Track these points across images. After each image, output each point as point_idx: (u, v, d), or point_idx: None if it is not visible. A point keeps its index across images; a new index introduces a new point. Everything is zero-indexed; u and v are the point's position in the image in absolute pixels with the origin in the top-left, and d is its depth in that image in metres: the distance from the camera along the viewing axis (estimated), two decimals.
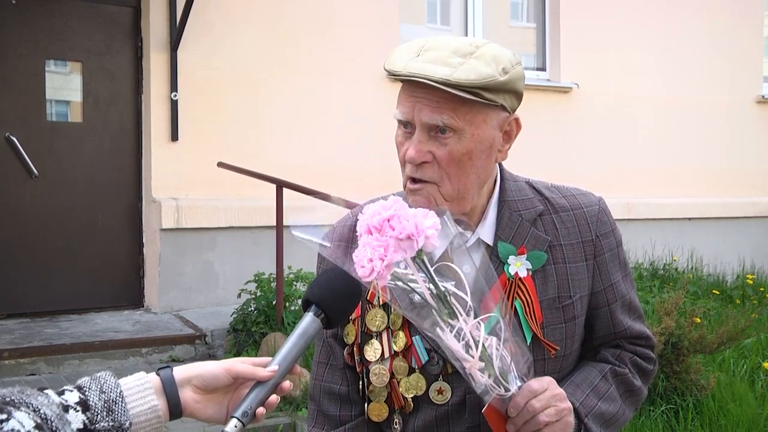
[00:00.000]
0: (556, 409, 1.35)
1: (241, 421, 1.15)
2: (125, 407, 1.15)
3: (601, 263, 1.53)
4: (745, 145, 8.53)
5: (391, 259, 1.17)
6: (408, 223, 1.17)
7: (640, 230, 7.50)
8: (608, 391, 1.52)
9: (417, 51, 1.39)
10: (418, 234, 1.17)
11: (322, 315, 1.25)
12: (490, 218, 1.50)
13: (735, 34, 8.46)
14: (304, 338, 1.24)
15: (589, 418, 1.46)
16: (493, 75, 1.35)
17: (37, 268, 5.78)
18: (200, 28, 5.97)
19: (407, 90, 1.40)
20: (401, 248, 1.17)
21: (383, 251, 1.17)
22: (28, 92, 5.80)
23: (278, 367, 1.21)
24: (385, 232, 1.19)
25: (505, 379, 1.31)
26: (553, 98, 7.54)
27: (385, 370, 1.48)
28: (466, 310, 1.26)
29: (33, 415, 1.00)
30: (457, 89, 1.33)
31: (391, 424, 1.52)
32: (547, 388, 1.35)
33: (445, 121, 1.36)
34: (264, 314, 5.10)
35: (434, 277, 1.23)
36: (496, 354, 1.29)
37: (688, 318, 4.33)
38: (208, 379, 1.22)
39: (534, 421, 1.33)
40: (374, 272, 1.17)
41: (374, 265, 1.17)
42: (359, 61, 6.52)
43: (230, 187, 5.95)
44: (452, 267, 1.26)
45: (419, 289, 1.23)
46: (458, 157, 1.39)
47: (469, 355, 1.26)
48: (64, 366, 4.91)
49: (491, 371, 1.29)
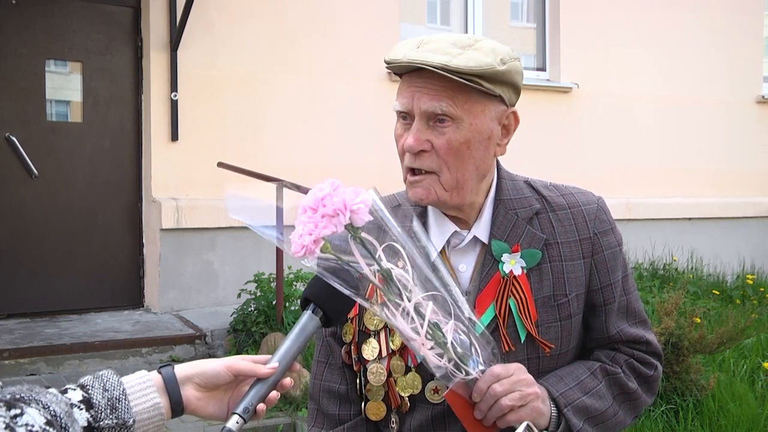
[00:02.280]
0: (520, 393, 1.34)
1: (243, 418, 1.17)
2: (128, 405, 1.16)
3: (599, 262, 1.51)
4: (745, 145, 8.53)
5: (318, 234, 1.20)
6: (336, 200, 1.21)
7: (640, 230, 7.50)
8: (595, 387, 1.49)
9: (417, 44, 1.41)
10: (345, 209, 1.21)
11: (321, 313, 1.27)
12: (486, 216, 1.50)
13: (735, 34, 8.46)
14: (303, 336, 1.25)
15: (569, 409, 1.43)
16: (492, 64, 1.37)
17: (37, 268, 5.78)
18: (200, 28, 5.97)
19: (406, 81, 1.42)
20: (331, 223, 1.21)
21: (313, 226, 1.21)
22: (28, 92, 5.80)
23: (278, 364, 1.22)
24: (317, 209, 1.24)
25: (464, 363, 1.31)
26: (553, 98, 7.54)
27: (382, 369, 1.48)
28: (409, 289, 1.27)
29: (43, 412, 1.01)
30: (455, 75, 1.34)
31: (388, 424, 1.52)
32: (512, 374, 1.34)
33: (444, 108, 1.37)
34: (264, 314, 5.10)
35: (373, 254, 1.26)
36: (452, 335, 1.29)
37: (688, 318, 4.33)
38: (210, 377, 1.23)
39: (497, 405, 1.32)
40: (304, 248, 1.21)
41: (303, 240, 1.21)
42: (359, 61, 6.52)
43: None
44: (397, 247, 1.28)
45: (360, 267, 1.26)
46: (456, 146, 1.40)
47: (414, 332, 1.27)
48: (64, 366, 4.91)
49: (449, 354, 1.29)
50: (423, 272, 1.30)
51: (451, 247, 1.51)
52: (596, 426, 1.48)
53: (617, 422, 1.53)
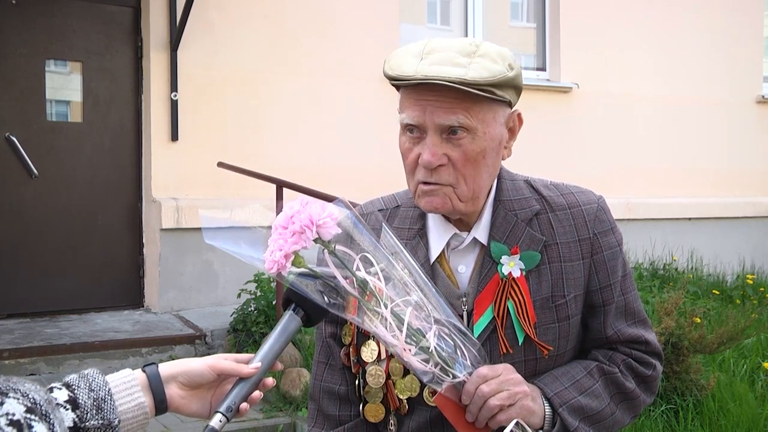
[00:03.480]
0: (509, 392, 1.34)
1: (225, 416, 1.20)
2: (114, 405, 1.17)
3: (599, 262, 1.51)
4: (745, 145, 8.53)
5: (288, 249, 1.25)
6: (303, 216, 1.26)
7: (640, 230, 7.50)
8: (592, 387, 1.48)
9: (419, 54, 1.37)
10: (312, 224, 1.25)
11: (302, 313, 1.29)
12: (486, 218, 1.50)
13: (735, 34, 8.46)
14: (284, 335, 1.28)
15: (564, 408, 1.43)
16: (503, 71, 1.36)
17: (37, 268, 5.78)
18: (200, 28, 5.97)
19: (413, 94, 1.38)
20: (300, 239, 1.26)
21: (283, 242, 1.26)
22: (28, 92, 5.80)
23: (261, 363, 1.25)
24: (287, 228, 1.28)
25: (450, 366, 1.32)
26: (553, 98, 7.54)
27: (381, 371, 1.48)
28: (384, 296, 1.29)
29: (23, 400, 1.01)
30: (472, 88, 1.32)
31: (386, 426, 1.51)
32: (500, 374, 1.34)
33: (461, 121, 1.36)
34: (264, 314, 5.10)
35: (347, 265, 1.29)
36: (435, 339, 1.30)
37: (688, 318, 4.33)
38: (193, 376, 1.25)
39: (486, 406, 1.32)
40: (275, 263, 1.25)
41: (274, 256, 1.26)
42: (359, 62, 6.52)
43: (230, 187, 5.95)
44: (368, 257, 1.30)
45: (337, 281, 1.29)
46: (473, 157, 1.39)
47: (395, 338, 1.29)
48: (64, 366, 4.91)
49: (434, 359, 1.30)
50: (401, 278, 1.31)
51: (451, 248, 1.51)
52: (593, 425, 1.47)
53: (615, 422, 1.52)
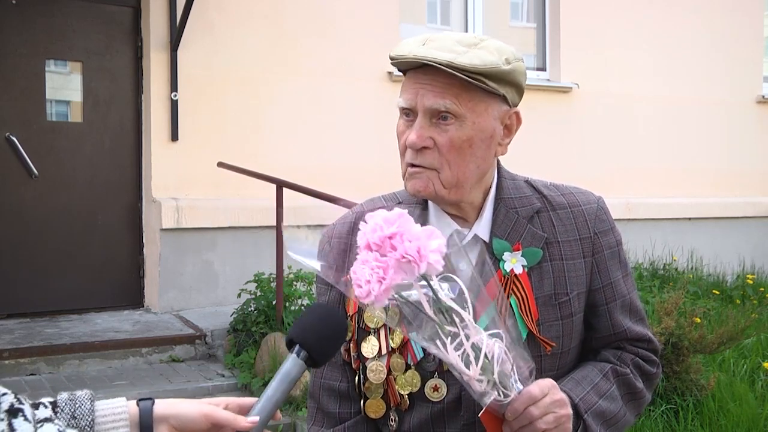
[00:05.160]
0: (555, 416, 1.33)
1: None
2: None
3: (600, 261, 1.52)
4: (745, 145, 8.53)
5: (389, 283, 1.09)
6: (410, 245, 1.08)
7: (640, 230, 7.50)
8: (609, 390, 1.50)
9: (422, 41, 1.41)
10: (421, 259, 1.09)
11: (305, 354, 1.21)
12: (487, 215, 1.51)
13: (735, 34, 8.46)
14: (286, 383, 1.20)
15: (589, 414, 1.44)
16: (497, 63, 1.38)
17: (37, 268, 5.78)
18: (200, 28, 5.97)
19: (411, 78, 1.43)
20: (402, 271, 1.10)
21: (382, 273, 1.10)
22: (28, 92, 5.80)
23: (258, 418, 1.18)
24: (385, 250, 1.11)
25: (504, 386, 1.28)
26: (553, 98, 7.54)
27: (382, 367, 1.48)
28: (464, 323, 1.22)
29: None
30: (460, 72, 1.34)
31: (387, 422, 1.51)
32: (547, 394, 1.32)
33: (448, 105, 1.38)
34: (264, 314, 5.10)
35: (437, 293, 1.17)
36: (497, 361, 1.25)
37: (688, 318, 4.33)
38: (185, 422, 1.19)
39: (531, 427, 1.31)
40: (371, 295, 1.10)
41: (371, 288, 1.10)
42: (359, 61, 6.52)
43: (230, 187, 5.95)
44: (453, 277, 1.22)
45: (421, 305, 1.18)
46: (459, 144, 1.40)
47: (469, 369, 1.22)
48: (64, 366, 4.91)
49: (490, 377, 1.26)
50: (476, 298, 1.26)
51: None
52: (609, 428, 1.49)
53: (625, 422, 1.54)
